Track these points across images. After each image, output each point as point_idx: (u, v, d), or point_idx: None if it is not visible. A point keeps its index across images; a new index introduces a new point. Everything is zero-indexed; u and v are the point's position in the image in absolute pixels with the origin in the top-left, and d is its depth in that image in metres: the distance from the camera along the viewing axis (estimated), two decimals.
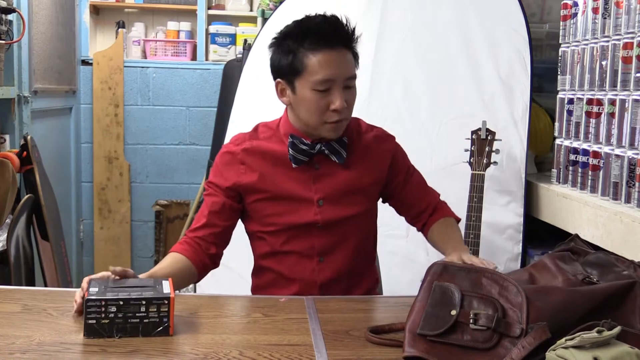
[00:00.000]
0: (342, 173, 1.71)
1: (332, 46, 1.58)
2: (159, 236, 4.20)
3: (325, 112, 1.61)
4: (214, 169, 1.73)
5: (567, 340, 1.08)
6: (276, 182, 1.69)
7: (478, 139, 2.57)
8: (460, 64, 2.89)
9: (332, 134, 1.65)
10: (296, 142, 1.66)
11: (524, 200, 2.76)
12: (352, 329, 1.38)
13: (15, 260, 2.47)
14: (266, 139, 1.72)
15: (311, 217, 1.69)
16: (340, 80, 1.59)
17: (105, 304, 1.28)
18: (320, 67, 1.57)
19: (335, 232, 1.71)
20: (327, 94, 1.59)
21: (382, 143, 1.79)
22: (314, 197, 1.69)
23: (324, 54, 1.57)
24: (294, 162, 1.67)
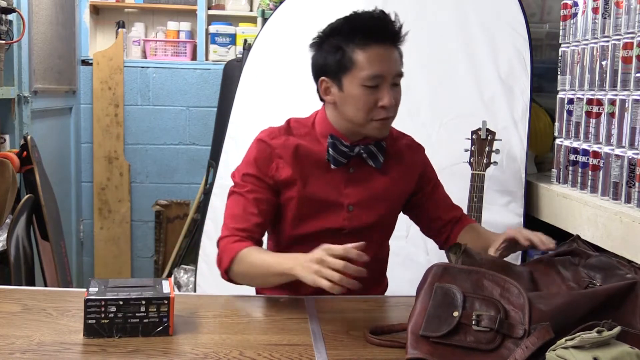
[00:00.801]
0: (376, 178, 1.69)
1: (382, 42, 1.57)
2: (159, 236, 4.20)
3: (373, 109, 1.58)
4: (249, 161, 1.66)
5: (567, 340, 1.08)
6: (308, 183, 1.65)
7: (478, 139, 2.56)
8: (460, 64, 2.89)
9: (378, 133, 1.62)
10: (337, 143, 1.64)
11: (524, 200, 2.76)
12: (352, 329, 1.38)
13: (15, 260, 2.47)
14: (300, 137, 1.68)
15: (339, 223, 1.66)
16: (389, 77, 1.58)
17: (105, 304, 1.28)
18: (369, 63, 1.56)
19: (359, 238, 1.67)
20: (376, 91, 1.57)
21: (414, 152, 1.78)
22: (345, 202, 1.67)
23: (374, 50, 1.56)
24: (333, 163, 1.65)
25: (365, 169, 1.68)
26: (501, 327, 1.16)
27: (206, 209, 3.15)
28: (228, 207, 1.66)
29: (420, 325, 1.20)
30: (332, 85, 1.62)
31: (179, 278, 3.78)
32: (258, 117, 3.05)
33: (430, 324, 1.20)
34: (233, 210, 1.63)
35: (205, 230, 3.10)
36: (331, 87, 1.63)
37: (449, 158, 2.75)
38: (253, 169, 1.64)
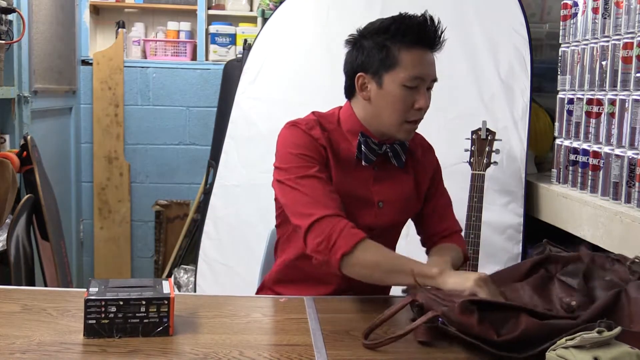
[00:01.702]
0: (400, 177, 1.73)
1: (427, 46, 1.61)
2: (159, 236, 4.20)
3: (409, 110, 1.61)
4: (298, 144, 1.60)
5: (568, 340, 1.08)
6: (342, 178, 1.65)
7: (478, 139, 2.57)
8: (460, 64, 2.89)
9: (407, 135, 1.65)
10: (369, 141, 1.66)
11: (524, 200, 2.76)
12: (352, 329, 1.38)
13: (15, 260, 2.47)
14: (330, 132, 1.68)
15: (370, 220, 1.67)
16: (428, 80, 1.62)
17: (105, 304, 1.28)
18: (414, 64, 1.59)
19: (385, 236, 1.68)
20: (414, 92, 1.60)
21: (427, 153, 1.82)
22: (375, 199, 1.69)
23: (419, 52, 1.60)
24: (365, 160, 1.66)
25: (388, 167, 1.70)
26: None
27: (206, 209, 3.15)
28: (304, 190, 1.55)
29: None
30: (370, 82, 1.63)
31: (179, 278, 3.78)
32: (258, 117, 3.06)
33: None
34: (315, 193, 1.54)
35: (205, 230, 3.10)
36: (369, 83, 1.63)
37: (449, 158, 2.75)
38: (306, 150, 1.60)
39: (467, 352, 1.30)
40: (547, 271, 1.45)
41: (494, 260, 2.71)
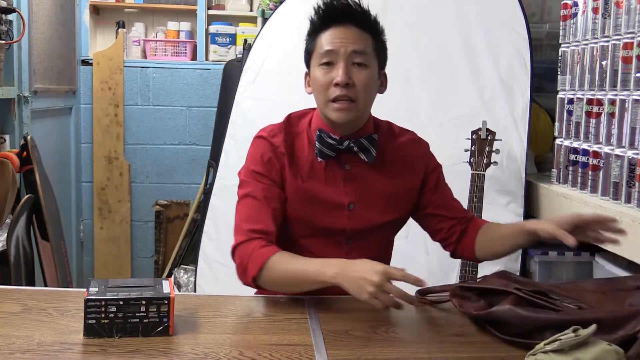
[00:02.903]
0: (373, 176, 1.65)
1: (341, 22, 1.57)
2: (159, 236, 4.19)
3: (329, 87, 1.55)
4: (255, 159, 1.63)
5: (546, 344, 1.09)
6: (306, 181, 1.62)
7: (478, 139, 2.57)
8: (460, 64, 2.89)
9: (336, 116, 1.56)
10: (323, 136, 1.60)
11: (524, 200, 2.76)
12: (352, 329, 1.38)
13: (15, 260, 2.47)
14: (298, 134, 1.66)
15: (341, 223, 1.63)
16: (343, 53, 1.55)
17: (105, 304, 1.28)
18: (326, 40, 1.56)
19: (363, 241, 1.65)
20: (332, 68, 1.56)
21: (417, 147, 1.73)
22: (345, 201, 1.63)
23: (333, 30, 1.57)
24: (320, 155, 1.61)
25: (361, 165, 1.64)
26: None
27: (206, 209, 3.15)
28: (240, 210, 1.61)
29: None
30: (308, 76, 1.64)
31: (179, 278, 3.78)
32: (258, 117, 3.05)
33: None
34: (247, 213, 1.58)
35: (205, 230, 3.10)
36: (309, 78, 1.64)
37: (449, 158, 2.74)
38: (260, 167, 1.61)
39: (468, 352, 1.31)
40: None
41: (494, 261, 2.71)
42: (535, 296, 1.32)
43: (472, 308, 1.39)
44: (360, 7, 1.60)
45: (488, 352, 1.28)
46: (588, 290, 1.43)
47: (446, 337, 1.40)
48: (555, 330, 1.15)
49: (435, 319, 1.50)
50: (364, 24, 1.59)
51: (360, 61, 1.56)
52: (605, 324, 1.18)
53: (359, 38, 1.57)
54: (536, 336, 1.22)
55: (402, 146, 1.70)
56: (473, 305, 1.40)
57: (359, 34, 1.57)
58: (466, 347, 1.33)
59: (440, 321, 1.48)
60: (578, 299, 1.37)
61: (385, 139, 1.69)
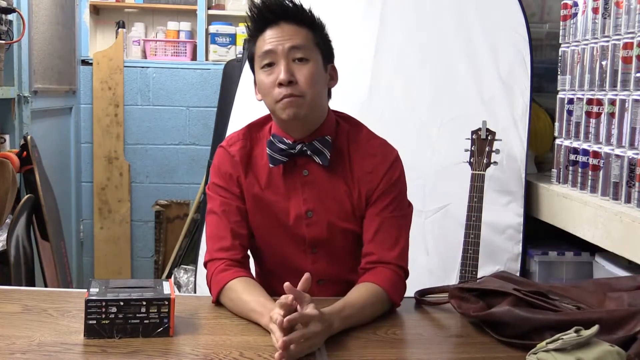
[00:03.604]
0: (332, 180, 1.57)
1: (275, 22, 1.52)
2: (159, 236, 4.19)
3: (274, 89, 1.50)
4: (215, 171, 1.62)
5: (548, 343, 1.09)
6: (265, 190, 1.58)
7: (478, 139, 2.57)
8: (460, 64, 2.89)
9: (285, 114, 1.50)
10: (275, 141, 1.55)
11: (524, 200, 2.76)
12: (352, 330, 1.37)
13: (15, 260, 2.47)
14: (257, 141, 1.62)
15: (301, 231, 1.58)
16: (282, 50, 1.49)
17: (105, 305, 1.28)
18: (262, 43, 1.52)
19: (328, 248, 1.60)
20: (273, 69, 1.51)
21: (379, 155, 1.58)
22: (303, 209, 1.57)
23: (268, 31, 1.52)
24: (271, 162, 1.56)
25: (320, 170, 1.57)
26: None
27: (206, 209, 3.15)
28: (206, 227, 1.61)
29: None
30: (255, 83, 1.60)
31: (179, 278, 3.78)
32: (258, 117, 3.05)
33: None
34: (210, 230, 1.59)
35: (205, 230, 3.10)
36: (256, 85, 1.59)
37: (449, 158, 2.76)
38: (219, 179, 1.60)
39: (468, 353, 1.31)
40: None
41: (494, 260, 2.71)
42: (534, 297, 1.32)
43: (471, 309, 1.39)
44: (293, 3, 1.55)
45: (487, 353, 1.28)
46: (587, 290, 1.43)
47: (445, 338, 1.40)
48: (554, 331, 1.15)
49: (435, 320, 1.50)
50: (300, 19, 1.54)
51: (300, 56, 1.51)
52: (605, 324, 1.18)
53: (296, 33, 1.52)
54: (535, 337, 1.22)
55: (363, 151, 1.59)
56: (472, 307, 1.40)
57: (295, 29, 1.53)
58: (465, 348, 1.33)
59: (439, 322, 1.48)
60: (577, 299, 1.37)
61: (346, 141, 1.60)
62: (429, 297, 1.59)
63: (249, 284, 1.48)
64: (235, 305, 1.46)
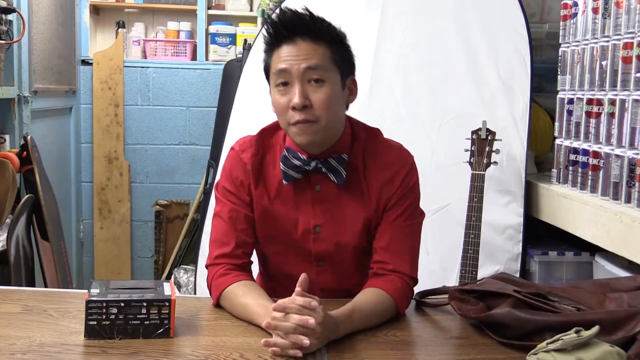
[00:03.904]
0: (344, 197, 1.53)
1: (291, 38, 1.45)
2: (159, 236, 4.19)
3: (287, 111, 1.45)
4: (226, 175, 1.58)
5: (548, 343, 1.09)
6: (274, 201, 1.55)
7: (478, 139, 2.57)
8: (460, 64, 2.89)
9: (298, 139, 1.46)
10: (289, 157, 1.50)
11: (524, 200, 2.76)
12: (353, 332, 1.37)
13: (15, 260, 2.47)
14: (269, 149, 1.58)
15: (308, 245, 1.56)
16: (297, 72, 1.43)
17: (106, 305, 1.28)
18: (278, 60, 1.46)
19: (333, 261, 1.57)
20: (288, 89, 1.45)
21: (396, 164, 1.55)
22: (311, 223, 1.54)
23: (284, 47, 1.46)
24: (284, 178, 1.51)
25: (332, 186, 1.53)
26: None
27: (206, 209, 3.15)
28: (212, 229, 1.59)
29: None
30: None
31: (179, 278, 3.78)
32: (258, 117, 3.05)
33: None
34: (215, 234, 1.56)
35: (205, 230, 3.10)
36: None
37: (449, 158, 2.76)
38: (229, 184, 1.56)
39: (468, 354, 1.31)
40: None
41: (494, 260, 2.71)
42: (534, 298, 1.32)
43: (471, 311, 1.39)
44: (311, 16, 1.48)
45: (488, 355, 1.29)
46: (587, 291, 1.43)
47: (446, 340, 1.40)
48: (554, 332, 1.15)
49: (435, 322, 1.50)
50: (317, 35, 1.46)
51: (316, 77, 1.44)
52: (605, 325, 1.18)
53: (312, 52, 1.45)
54: (535, 338, 1.22)
55: (379, 161, 1.55)
56: (472, 308, 1.40)
57: (311, 47, 1.45)
58: (466, 350, 1.33)
59: (439, 324, 1.48)
60: (577, 300, 1.37)
61: (362, 154, 1.56)
62: (429, 298, 1.59)
63: (249, 286, 1.48)
64: (235, 308, 1.46)
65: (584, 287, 1.46)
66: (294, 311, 1.24)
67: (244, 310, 1.42)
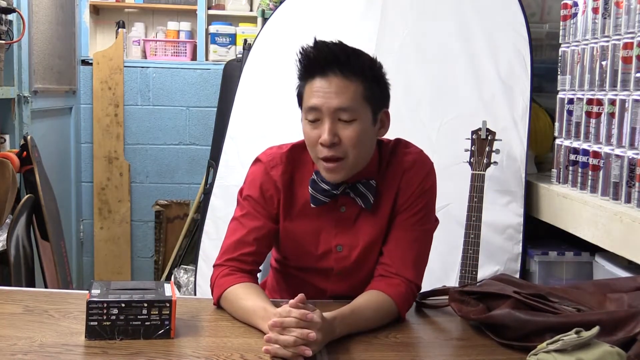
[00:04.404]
0: (368, 218, 1.55)
1: (324, 74, 1.44)
2: (159, 236, 4.20)
3: (316, 145, 1.45)
4: (254, 184, 1.57)
5: (549, 344, 1.09)
6: (297, 221, 1.56)
7: (478, 139, 2.57)
8: (460, 64, 2.89)
9: (327, 176, 1.48)
10: (317, 181, 1.51)
11: (524, 200, 2.76)
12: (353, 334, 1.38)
13: (15, 260, 2.47)
14: (298, 167, 1.58)
15: (329, 263, 1.57)
16: (327, 110, 1.43)
17: (107, 306, 1.28)
18: (309, 94, 1.45)
19: (349, 276, 1.59)
20: (318, 125, 1.45)
21: (414, 168, 1.56)
22: (333, 243, 1.56)
23: (316, 82, 1.45)
24: (312, 202, 1.52)
25: (357, 208, 1.54)
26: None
27: (206, 209, 3.15)
28: (228, 232, 1.59)
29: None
30: None
31: (179, 278, 3.78)
32: (258, 117, 3.06)
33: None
34: (229, 238, 1.57)
35: (205, 230, 3.10)
36: None
37: (449, 158, 2.76)
38: (258, 195, 1.56)
39: (468, 356, 1.31)
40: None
41: (494, 260, 2.71)
42: (534, 299, 1.32)
43: (471, 312, 1.39)
44: (345, 52, 1.45)
45: (488, 356, 1.29)
46: (587, 291, 1.43)
47: (446, 341, 1.41)
48: (554, 333, 1.16)
49: (435, 323, 1.50)
50: (350, 72, 1.44)
51: (346, 118, 1.44)
52: (605, 325, 1.18)
53: (344, 90, 1.43)
54: (535, 339, 1.23)
55: (397, 170, 1.56)
56: (472, 310, 1.40)
57: (343, 85, 1.43)
58: (466, 351, 1.33)
59: (440, 326, 1.49)
60: (577, 301, 1.37)
61: (386, 174, 1.56)
62: (429, 300, 1.59)
63: (250, 289, 1.48)
64: (235, 310, 1.46)
65: (584, 287, 1.46)
66: (293, 325, 1.25)
67: (244, 312, 1.43)
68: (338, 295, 1.60)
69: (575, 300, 1.37)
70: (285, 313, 1.27)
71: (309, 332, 1.23)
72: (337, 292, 1.61)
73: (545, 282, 2.67)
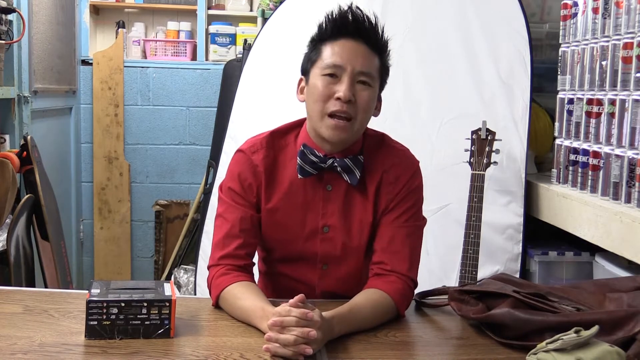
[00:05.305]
0: (354, 197, 1.56)
1: (352, 37, 1.50)
2: (159, 236, 4.20)
3: (329, 100, 1.48)
4: (233, 176, 1.58)
5: (548, 343, 1.09)
6: (282, 202, 1.56)
7: (478, 139, 2.57)
8: (460, 63, 2.89)
9: (330, 133, 1.49)
10: (306, 152, 1.53)
11: (524, 200, 2.76)
12: (352, 333, 1.38)
13: (15, 260, 2.47)
14: (280, 150, 1.59)
15: (316, 246, 1.57)
16: (351, 70, 1.48)
17: (106, 305, 1.28)
18: (333, 52, 1.50)
19: (338, 264, 1.59)
20: (335, 81, 1.48)
21: (402, 165, 1.58)
22: (320, 224, 1.56)
23: (342, 42, 1.50)
24: (300, 172, 1.53)
25: (343, 187, 1.56)
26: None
27: (206, 209, 3.16)
28: (215, 230, 1.59)
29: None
30: (304, 83, 1.57)
31: (179, 278, 3.78)
32: (258, 117, 3.06)
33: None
34: (217, 236, 1.57)
35: (205, 230, 3.11)
36: (304, 84, 1.57)
37: (449, 158, 2.76)
38: (237, 185, 1.57)
39: (468, 355, 1.31)
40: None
41: (494, 260, 2.72)
42: (534, 299, 1.32)
43: (471, 311, 1.39)
44: (375, 25, 1.53)
45: (488, 355, 1.29)
46: (587, 291, 1.43)
47: (446, 340, 1.41)
48: (554, 332, 1.16)
49: (435, 322, 1.50)
50: (375, 43, 1.52)
51: (365, 80, 1.50)
52: (604, 325, 1.19)
53: (368, 58, 1.51)
54: (535, 338, 1.23)
55: (386, 163, 1.58)
56: (472, 309, 1.40)
57: (368, 53, 1.51)
58: (466, 350, 1.33)
59: (439, 325, 1.49)
60: (577, 300, 1.37)
61: (371, 158, 1.58)
62: (429, 299, 1.59)
63: (248, 288, 1.47)
64: (233, 310, 1.46)
65: (583, 287, 1.46)
66: (293, 324, 1.25)
67: (242, 312, 1.43)
68: (327, 292, 1.60)
69: (574, 299, 1.37)
70: (285, 312, 1.27)
71: (310, 331, 1.23)
72: (326, 288, 1.60)
73: (545, 282, 2.67)
